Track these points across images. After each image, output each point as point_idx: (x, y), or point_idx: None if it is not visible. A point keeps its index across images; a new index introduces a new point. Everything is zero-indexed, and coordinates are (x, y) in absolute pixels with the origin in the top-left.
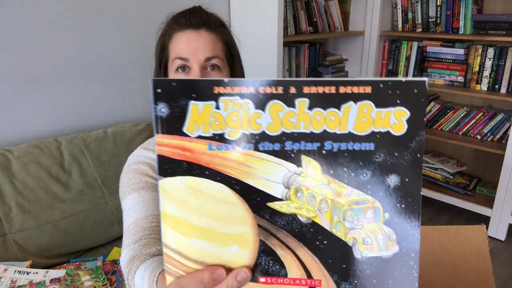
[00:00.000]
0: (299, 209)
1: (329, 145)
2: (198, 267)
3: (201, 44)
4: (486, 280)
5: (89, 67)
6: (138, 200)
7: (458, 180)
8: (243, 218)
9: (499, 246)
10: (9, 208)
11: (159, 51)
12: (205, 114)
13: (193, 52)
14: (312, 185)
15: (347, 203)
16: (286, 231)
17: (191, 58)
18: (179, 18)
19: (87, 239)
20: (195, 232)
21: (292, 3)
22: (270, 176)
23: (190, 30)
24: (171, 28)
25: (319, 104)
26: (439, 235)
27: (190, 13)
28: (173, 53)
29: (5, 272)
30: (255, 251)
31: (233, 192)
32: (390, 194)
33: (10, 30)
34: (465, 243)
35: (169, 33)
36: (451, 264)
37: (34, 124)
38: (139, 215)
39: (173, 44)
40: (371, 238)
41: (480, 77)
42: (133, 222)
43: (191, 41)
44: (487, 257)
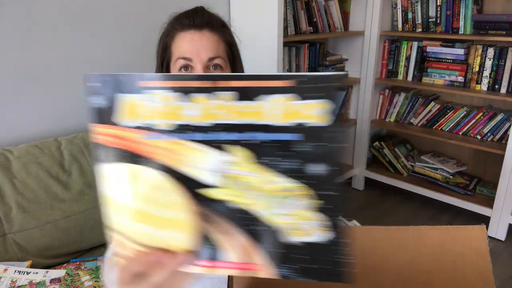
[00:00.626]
0: (234, 196)
1: (258, 136)
2: (141, 249)
3: (204, 44)
4: (486, 280)
5: (89, 67)
6: None
7: (458, 180)
8: (180, 204)
9: (499, 246)
10: (9, 208)
11: (161, 51)
12: (133, 105)
13: (196, 52)
14: (245, 174)
15: (280, 190)
16: (224, 217)
17: (194, 58)
18: (182, 18)
19: (87, 239)
20: (135, 216)
21: (292, 3)
22: (202, 164)
23: (193, 30)
24: (174, 28)
25: (247, 97)
26: (439, 235)
27: (193, 13)
28: (176, 53)
29: (5, 272)
30: (195, 235)
31: (168, 178)
32: (320, 182)
33: (10, 30)
34: (465, 243)
35: (172, 33)
36: (451, 264)
37: (34, 124)
38: None
39: (176, 44)
40: (306, 224)
41: (480, 77)
42: None
43: (194, 41)
44: (487, 257)
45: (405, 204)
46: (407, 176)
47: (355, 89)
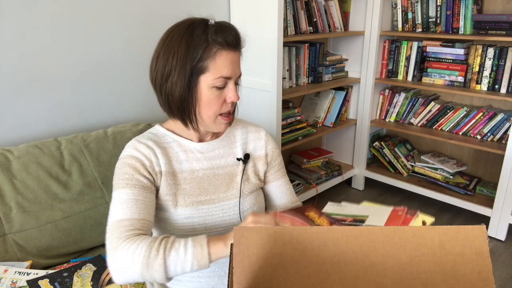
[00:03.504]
0: None
1: None
2: None
3: (237, 64)
4: (486, 280)
5: (89, 67)
6: (131, 198)
7: (458, 180)
8: None
9: (499, 246)
10: (9, 208)
11: (191, 58)
12: None
13: (234, 71)
14: None
15: None
16: None
17: (232, 76)
18: (222, 34)
19: (87, 239)
20: None
21: (292, 3)
22: None
23: (233, 52)
24: (213, 42)
25: None
26: (439, 235)
27: (230, 31)
28: (217, 71)
29: (5, 273)
30: None
31: None
32: None
33: (10, 30)
34: (465, 243)
35: (211, 48)
36: (451, 264)
37: (34, 124)
38: (133, 215)
39: (217, 62)
40: None
41: (480, 77)
42: (127, 219)
43: (233, 62)
44: (487, 257)
45: (405, 204)
46: (407, 176)
47: (355, 89)
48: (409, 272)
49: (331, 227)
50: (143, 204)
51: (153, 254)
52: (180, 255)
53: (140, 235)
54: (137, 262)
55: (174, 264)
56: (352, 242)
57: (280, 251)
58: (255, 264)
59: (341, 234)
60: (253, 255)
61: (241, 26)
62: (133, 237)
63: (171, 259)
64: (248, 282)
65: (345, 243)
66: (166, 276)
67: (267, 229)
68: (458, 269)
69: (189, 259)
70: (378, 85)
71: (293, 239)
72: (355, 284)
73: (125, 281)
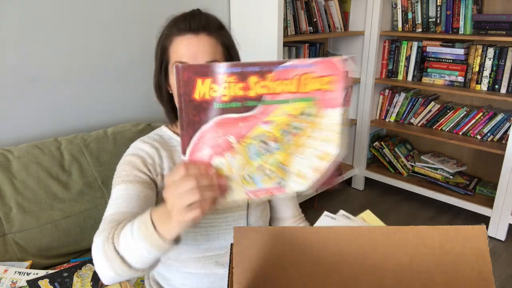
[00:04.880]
0: None
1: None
2: None
3: (201, 49)
4: (486, 280)
5: (89, 67)
6: (123, 193)
7: (458, 180)
8: None
9: (499, 246)
10: (9, 208)
11: (159, 54)
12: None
13: (193, 56)
14: None
15: None
16: None
17: (191, 62)
18: (179, 22)
19: (87, 239)
20: None
21: (292, 3)
22: None
23: (190, 35)
24: (171, 31)
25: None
26: (439, 235)
27: (190, 17)
28: (174, 57)
29: (5, 273)
30: None
31: None
32: None
33: (10, 30)
34: (465, 243)
35: (169, 37)
36: (451, 264)
37: (34, 124)
38: (119, 209)
39: (174, 48)
40: None
41: (480, 77)
42: (117, 213)
43: (191, 45)
44: (487, 257)
45: (405, 204)
46: (407, 176)
47: (355, 89)
48: (409, 272)
49: (332, 228)
50: (134, 197)
51: (107, 246)
52: (129, 240)
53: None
54: (99, 257)
55: (127, 251)
56: (352, 242)
57: (280, 251)
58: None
59: (341, 234)
60: (253, 255)
61: (241, 26)
62: (103, 231)
63: (121, 246)
64: (248, 282)
65: (345, 243)
66: (130, 267)
67: (267, 229)
68: (458, 269)
69: (140, 242)
70: (378, 85)
71: (293, 239)
72: (355, 284)
73: (108, 280)
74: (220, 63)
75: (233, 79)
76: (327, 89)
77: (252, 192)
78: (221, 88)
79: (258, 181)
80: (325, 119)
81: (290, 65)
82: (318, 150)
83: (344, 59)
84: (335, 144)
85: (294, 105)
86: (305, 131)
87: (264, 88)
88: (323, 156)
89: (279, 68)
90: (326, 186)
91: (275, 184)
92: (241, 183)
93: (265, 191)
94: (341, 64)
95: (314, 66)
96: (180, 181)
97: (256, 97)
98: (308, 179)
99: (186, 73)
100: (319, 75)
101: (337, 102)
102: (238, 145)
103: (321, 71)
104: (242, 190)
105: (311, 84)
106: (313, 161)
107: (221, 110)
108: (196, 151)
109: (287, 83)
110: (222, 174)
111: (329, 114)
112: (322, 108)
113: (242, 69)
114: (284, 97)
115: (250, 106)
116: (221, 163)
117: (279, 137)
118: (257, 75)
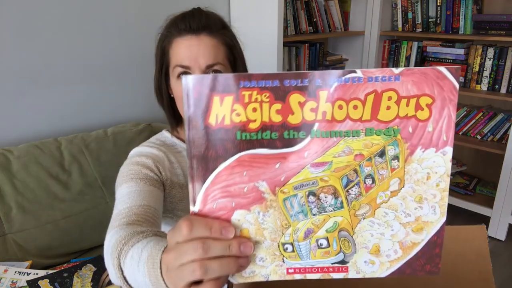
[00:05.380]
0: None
1: None
2: None
3: (202, 51)
4: (486, 280)
5: (89, 67)
6: (134, 189)
7: (458, 180)
8: None
9: (499, 246)
10: (9, 208)
11: (159, 56)
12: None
13: (194, 59)
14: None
15: None
16: None
17: (192, 65)
18: (178, 22)
19: (87, 239)
20: None
21: (292, 3)
22: None
23: (190, 35)
24: (170, 32)
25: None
26: None
27: (189, 16)
28: (174, 60)
29: (6, 273)
30: None
31: None
32: None
33: (10, 30)
34: (465, 243)
35: (168, 38)
36: (451, 264)
37: (34, 124)
38: (134, 203)
39: (174, 50)
40: None
41: (480, 77)
42: (125, 208)
43: (191, 47)
44: (487, 257)
45: None
46: None
47: None
48: None
49: None
50: (147, 192)
51: (115, 261)
52: (134, 267)
53: (134, 224)
54: (107, 262)
55: (131, 276)
56: None
57: None
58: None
59: None
60: None
61: (241, 26)
62: (123, 225)
63: (127, 267)
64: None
65: None
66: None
67: None
68: (458, 269)
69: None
70: None
71: None
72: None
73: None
74: (246, 73)
75: (267, 97)
76: (424, 117)
77: (296, 268)
78: (249, 110)
79: (305, 254)
80: (421, 165)
81: (361, 76)
82: (410, 215)
83: (456, 68)
84: (438, 206)
85: (366, 141)
86: (386, 183)
87: (315, 112)
88: (418, 225)
89: (341, 81)
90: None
91: (332, 260)
92: (278, 253)
93: (317, 270)
94: (449, 76)
95: (404, 79)
96: (181, 245)
97: (302, 126)
98: (390, 259)
99: (197, 88)
100: (412, 94)
101: (440, 138)
102: (273, 196)
103: (414, 87)
104: (278, 264)
105: (398, 108)
106: (400, 231)
107: (247, 143)
108: (209, 201)
109: (355, 105)
110: (247, 238)
111: (427, 157)
112: (416, 147)
113: (280, 83)
114: (350, 127)
115: (292, 139)
116: (246, 221)
117: (339, 189)
118: (304, 91)
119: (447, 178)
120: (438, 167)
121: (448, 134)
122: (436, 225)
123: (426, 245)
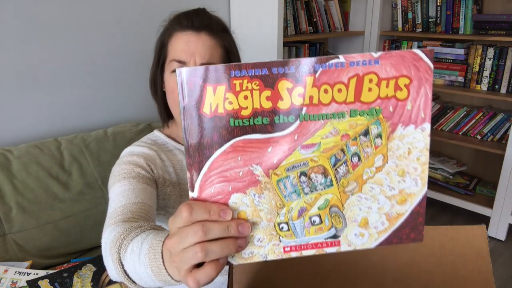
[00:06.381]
0: None
1: None
2: None
3: (199, 48)
4: (486, 280)
5: (89, 67)
6: (128, 188)
7: (458, 180)
8: None
9: (499, 246)
10: (9, 208)
11: (158, 48)
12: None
13: (191, 54)
14: None
15: None
16: None
17: (188, 60)
18: (181, 18)
19: (87, 239)
20: None
21: (292, 3)
22: None
23: (191, 32)
24: (172, 27)
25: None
26: (439, 235)
27: (193, 14)
28: (171, 54)
29: (5, 273)
30: None
31: None
32: None
33: (10, 30)
34: (465, 243)
35: (169, 32)
36: (451, 264)
37: (34, 124)
38: (128, 201)
39: (172, 44)
40: None
41: (480, 77)
42: (120, 206)
43: (190, 43)
44: (487, 257)
45: None
46: None
47: None
48: (409, 272)
49: None
50: (140, 190)
51: (115, 256)
52: (134, 260)
53: (130, 221)
54: (106, 259)
55: (133, 270)
56: None
57: None
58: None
59: None
60: None
61: (241, 26)
62: (119, 223)
63: (127, 260)
64: (248, 282)
65: None
66: (135, 283)
67: None
68: (458, 269)
69: (146, 270)
70: None
71: None
72: (355, 284)
73: (114, 278)
74: (237, 63)
75: (257, 85)
76: (403, 96)
77: (292, 246)
78: (240, 98)
79: (300, 232)
80: (402, 142)
81: (344, 61)
82: (394, 188)
83: (430, 49)
84: (420, 179)
85: (351, 121)
86: (371, 160)
87: (303, 96)
88: (402, 197)
89: (325, 67)
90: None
91: (325, 235)
92: (274, 233)
93: (311, 246)
94: (424, 58)
95: (383, 62)
96: (183, 230)
97: (291, 110)
98: (378, 231)
99: (191, 79)
100: (391, 75)
101: (419, 115)
102: (267, 178)
103: (393, 69)
104: (275, 243)
105: (379, 90)
106: (386, 204)
107: (241, 129)
108: (207, 186)
109: (339, 89)
110: (244, 220)
111: (407, 133)
112: (397, 125)
113: (269, 71)
114: (335, 110)
115: (282, 124)
116: (242, 204)
117: (328, 168)
118: (291, 78)
119: (426, 152)
120: (418, 142)
121: (426, 111)
122: (418, 196)
123: (410, 215)
